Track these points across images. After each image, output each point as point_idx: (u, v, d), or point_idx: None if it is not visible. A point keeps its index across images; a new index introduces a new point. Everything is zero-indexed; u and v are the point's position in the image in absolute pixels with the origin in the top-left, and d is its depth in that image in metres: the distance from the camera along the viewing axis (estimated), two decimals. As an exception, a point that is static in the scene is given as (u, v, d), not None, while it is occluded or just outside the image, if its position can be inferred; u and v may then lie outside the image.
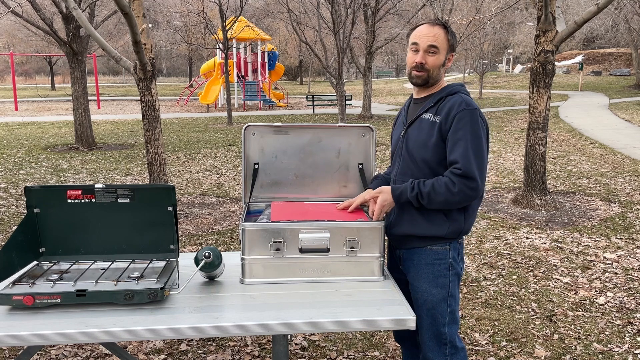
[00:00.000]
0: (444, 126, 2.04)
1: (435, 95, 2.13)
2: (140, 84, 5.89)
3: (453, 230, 2.09)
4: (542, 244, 5.30)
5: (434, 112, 2.09)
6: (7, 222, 6.14)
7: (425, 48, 2.06)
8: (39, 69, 56.82)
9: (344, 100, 12.24)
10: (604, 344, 3.36)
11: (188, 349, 3.28)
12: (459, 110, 2.02)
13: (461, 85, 2.17)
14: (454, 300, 2.13)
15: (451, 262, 2.12)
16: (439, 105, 2.09)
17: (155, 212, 2.10)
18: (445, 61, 2.11)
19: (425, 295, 2.12)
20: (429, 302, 2.11)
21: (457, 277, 2.15)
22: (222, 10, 16.39)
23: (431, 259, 2.12)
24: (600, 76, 36.37)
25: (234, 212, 6.58)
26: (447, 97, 2.09)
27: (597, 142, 12.20)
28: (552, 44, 6.29)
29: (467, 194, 1.99)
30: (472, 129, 2.00)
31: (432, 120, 2.08)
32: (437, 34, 2.07)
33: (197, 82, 32.67)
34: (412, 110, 2.22)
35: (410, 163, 2.13)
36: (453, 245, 2.13)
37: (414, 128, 2.14)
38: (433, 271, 2.11)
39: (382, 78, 57.01)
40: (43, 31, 10.96)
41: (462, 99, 2.04)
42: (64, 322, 1.75)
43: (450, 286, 2.11)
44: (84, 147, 11.79)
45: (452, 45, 2.12)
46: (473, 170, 1.98)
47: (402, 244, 2.19)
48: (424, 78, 2.10)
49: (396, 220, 2.17)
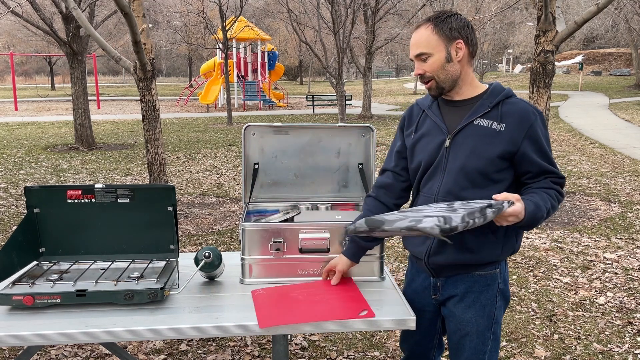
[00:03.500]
0: (516, 134, 1.78)
1: (488, 98, 1.85)
2: (140, 84, 5.89)
3: (506, 251, 1.86)
4: (542, 244, 5.30)
5: (496, 119, 1.81)
6: (7, 222, 6.14)
7: (414, 59, 1.85)
8: (39, 69, 56.81)
9: (344, 100, 12.24)
10: (604, 344, 3.36)
11: (188, 349, 3.28)
12: (533, 118, 1.81)
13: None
14: (498, 326, 1.91)
15: (500, 287, 1.89)
16: (500, 110, 1.82)
17: (155, 212, 2.10)
18: (450, 55, 1.80)
19: (469, 327, 1.88)
20: (473, 333, 1.89)
21: (505, 301, 1.93)
22: (222, 10, 16.39)
23: (479, 287, 1.87)
24: (600, 76, 36.37)
25: (234, 212, 6.58)
26: (506, 101, 1.83)
27: (597, 142, 12.20)
28: (552, 44, 6.29)
29: (563, 197, 1.86)
30: (547, 134, 1.86)
31: (495, 129, 1.80)
32: (420, 36, 1.81)
33: (197, 82, 32.66)
34: (450, 115, 1.89)
35: (462, 177, 1.82)
36: (502, 267, 1.90)
37: (466, 136, 1.83)
38: (480, 299, 1.87)
39: (382, 78, 57.01)
40: (43, 31, 10.96)
41: (528, 104, 1.83)
42: (64, 322, 1.75)
43: (496, 313, 1.89)
44: (83, 147, 11.79)
45: (449, 34, 1.79)
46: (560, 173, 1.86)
47: (442, 273, 1.92)
48: (435, 87, 1.84)
49: (439, 246, 1.88)
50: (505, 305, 1.93)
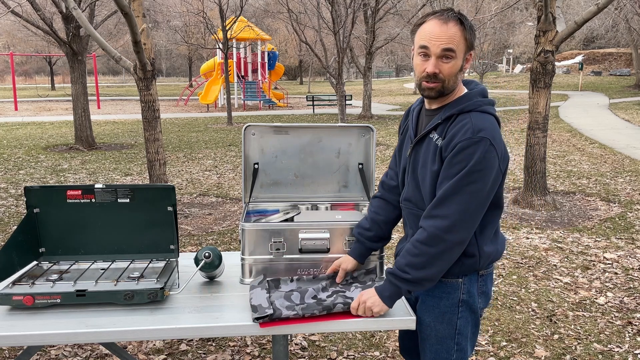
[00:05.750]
0: (444, 154, 1.67)
1: (447, 110, 1.73)
2: (140, 84, 5.89)
3: (466, 269, 1.78)
4: (542, 244, 5.29)
5: (441, 134, 1.71)
6: (7, 222, 6.14)
7: (439, 53, 1.64)
8: (39, 69, 56.83)
9: (344, 100, 12.23)
10: (604, 344, 3.36)
11: (188, 349, 3.28)
12: (461, 139, 1.63)
13: (482, 94, 1.75)
14: (463, 338, 1.83)
15: (462, 298, 1.80)
16: (448, 124, 1.71)
17: (155, 212, 2.09)
18: (463, 64, 1.69)
19: (428, 330, 1.85)
20: (433, 337, 1.84)
21: (471, 312, 1.83)
22: (222, 10, 16.39)
23: (439, 293, 1.82)
24: (600, 76, 36.37)
25: (234, 212, 6.58)
26: (459, 117, 1.69)
27: (597, 142, 12.20)
28: (552, 44, 6.29)
29: (444, 240, 1.64)
30: (467, 166, 1.62)
31: (435, 143, 1.72)
32: (453, 33, 1.63)
33: (197, 82, 32.67)
34: (422, 123, 1.84)
35: (416, 189, 1.81)
36: (469, 278, 1.81)
37: (421, 148, 1.79)
38: (440, 306, 1.82)
39: (382, 78, 57.02)
40: (43, 31, 10.96)
41: (471, 124, 1.64)
42: (63, 322, 1.75)
43: (458, 323, 1.81)
44: (83, 147, 11.79)
45: (471, 43, 1.69)
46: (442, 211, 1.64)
47: None
48: (437, 90, 1.70)
49: (401, 252, 1.88)
50: (473, 318, 1.84)
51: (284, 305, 1.81)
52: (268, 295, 1.88)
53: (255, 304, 1.82)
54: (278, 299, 1.86)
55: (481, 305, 1.86)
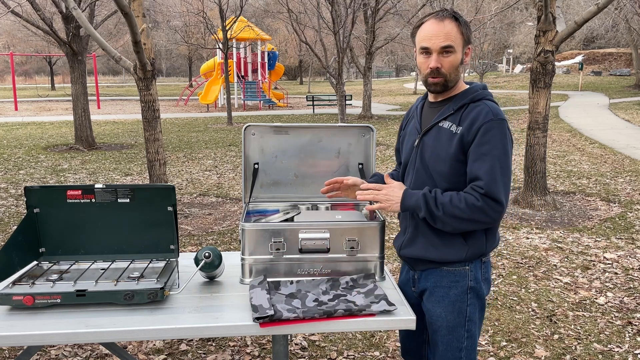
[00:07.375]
0: (466, 137, 1.80)
1: (456, 101, 1.87)
2: (140, 84, 5.89)
3: (473, 254, 1.87)
4: (542, 244, 5.30)
5: (455, 122, 1.84)
6: (7, 222, 6.14)
7: (439, 50, 1.80)
8: (39, 69, 56.82)
9: (344, 100, 12.24)
10: (604, 344, 3.36)
11: (188, 349, 3.28)
12: (485, 121, 1.78)
13: (484, 88, 1.91)
14: (473, 324, 1.91)
15: (470, 285, 1.89)
16: (461, 113, 1.84)
17: (155, 212, 2.09)
18: (463, 58, 1.85)
19: (439, 322, 1.90)
20: (444, 328, 1.90)
21: (478, 299, 1.91)
22: (222, 10, 16.39)
23: (447, 282, 1.89)
24: (600, 76, 36.37)
25: (234, 212, 6.58)
26: (471, 105, 1.84)
27: (597, 142, 12.20)
28: (552, 44, 6.29)
29: (489, 216, 1.76)
30: (500, 143, 1.77)
31: (452, 131, 1.84)
32: (450, 29, 1.79)
33: (197, 82, 32.67)
34: (427, 116, 1.96)
35: (425, 176, 1.90)
36: (474, 265, 1.89)
37: (430, 137, 1.90)
38: (449, 295, 1.89)
39: (382, 78, 57.02)
40: (43, 31, 10.96)
41: (488, 108, 1.81)
42: (63, 322, 1.75)
43: (468, 310, 1.89)
44: (83, 147, 11.79)
45: (468, 37, 1.84)
46: (499, 191, 1.75)
47: (415, 266, 1.99)
48: (442, 84, 1.85)
49: (409, 241, 1.96)
50: (480, 304, 1.92)
51: (285, 309, 1.82)
52: (269, 297, 1.88)
53: (256, 303, 1.82)
54: (279, 303, 1.87)
55: (486, 291, 1.95)
